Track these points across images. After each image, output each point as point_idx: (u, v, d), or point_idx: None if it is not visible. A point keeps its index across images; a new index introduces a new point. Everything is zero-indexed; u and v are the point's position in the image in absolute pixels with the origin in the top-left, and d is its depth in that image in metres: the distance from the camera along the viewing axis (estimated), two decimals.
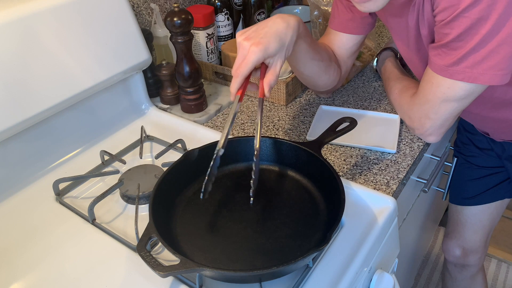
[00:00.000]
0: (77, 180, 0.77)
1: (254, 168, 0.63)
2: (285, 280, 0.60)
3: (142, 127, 0.89)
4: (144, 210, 0.69)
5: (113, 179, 0.78)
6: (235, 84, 0.66)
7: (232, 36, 1.13)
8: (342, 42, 0.89)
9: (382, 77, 1.01)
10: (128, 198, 0.73)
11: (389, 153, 0.83)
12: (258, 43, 0.65)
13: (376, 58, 1.07)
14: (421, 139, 0.87)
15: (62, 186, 0.76)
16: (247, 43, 0.65)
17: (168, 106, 0.99)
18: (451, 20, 0.64)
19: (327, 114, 0.94)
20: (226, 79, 1.05)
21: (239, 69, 0.66)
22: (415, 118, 0.77)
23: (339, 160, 0.82)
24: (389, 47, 1.04)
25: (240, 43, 0.66)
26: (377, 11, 0.71)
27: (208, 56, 1.07)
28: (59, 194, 0.75)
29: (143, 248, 0.54)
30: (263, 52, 0.65)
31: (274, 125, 0.93)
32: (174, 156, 0.79)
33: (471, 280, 1.21)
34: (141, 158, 0.83)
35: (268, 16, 1.16)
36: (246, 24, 1.16)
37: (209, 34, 1.04)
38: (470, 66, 0.65)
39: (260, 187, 0.72)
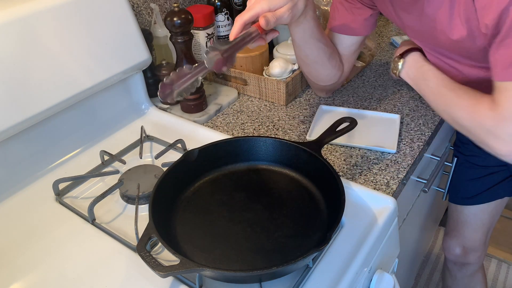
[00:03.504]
0: (77, 180, 0.77)
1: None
2: (285, 280, 0.59)
3: (142, 127, 0.89)
4: (144, 210, 0.69)
5: (113, 179, 0.78)
6: (234, 29, 0.66)
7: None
8: (343, 42, 0.89)
9: (419, 85, 0.80)
10: (128, 198, 0.73)
11: (389, 153, 0.83)
12: None
13: (401, 61, 0.83)
14: (421, 139, 0.87)
15: (62, 186, 0.76)
16: None
17: (168, 106, 0.99)
18: (498, 20, 0.59)
19: (327, 114, 0.94)
20: (226, 79, 1.05)
21: (240, 15, 0.66)
22: (504, 136, 0.65)
23: (339, 160, 0.82)
24: (415, 48, 0.84)
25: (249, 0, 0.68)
26: None
27: None
28: (59, 194, 0.75)
29: (143, 248, 0.54)
30: (268, 2, 0.66)
31: (274, 125, 0.93)
32: (174, 156, 0.79)
33: (471, 278, 1.21)
34: (141, 158, 0.83)
35: None
36: None
37: (209, 34, 1.04)
38: None
39: (260, 187, 0.72)
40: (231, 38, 0.66)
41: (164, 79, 0.60)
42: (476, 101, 0.69)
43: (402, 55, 0.85)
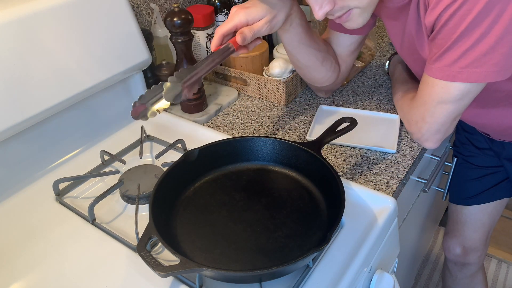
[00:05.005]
0: (77, 180, 0.77)
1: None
2: (285, 280, 0.60)
3: (142, 127, 0.89)
4: (144, 210, 0.69)
5: (113, 179, 0.78)
6: (213, 41, 0.69)
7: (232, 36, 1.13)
8: (342, 41, 0.89)
9: (391, 80, 1.01)
10: (128, 198, 0.73)
11: (389, 153, 0.83)
12: (242, 7, 0.69)
13: (388, 61, 1.06)
14: None
15: (62, 186, 0.76)
16: (235, 8, 0.70)
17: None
18: (436, 18, 0.64)
19: (327, 114, 0.94)
20: (226, 79, 1.05)
21: (220, 27, 0.69)
22: (412, 121, 0.77)
23: (339, 160, 0.82)
24: None
25: (231, 10, 0.70)
26: (359, 27, 0.72)
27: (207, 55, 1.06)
28: (59, 194, 0.75)
29: (143, 248, 0.54)
30: (246, 14, 0.68)
31: (274, 125, 0.93)
32: (174, 156, 0.79)
33: (471, 278, 1.21)
34: (141, 158, 0.83)
35: None
36: None
37: (209, 34, 1.04)
38: (448, 65, 0.65)
39: (260, 187, 0.72)
40: (212, 49, 0.69)
41: (138, 98, 0.61)
42: (409, 91, 0.84)
43: (393, 55, 1.04)
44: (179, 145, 0.83)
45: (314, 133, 0.87)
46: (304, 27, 0.78)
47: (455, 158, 1.10)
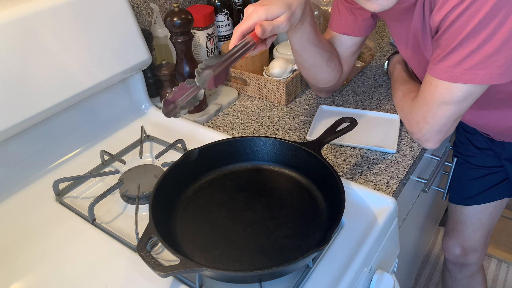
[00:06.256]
0: (77, 180, 0.77)
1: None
2: (285, 280, 0.60)
3: (142, 127, 0.89)
4: (144, 210, 0.69)
5: (113, 179, 0.78)
6: (232, 40, 0.67)
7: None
8: (343, 43, 0.89)
9: (390, 80, 1.01)
10: (128, 198, 0.73)
11: (389, 153, 0.83)
12: (261, 4, 0.67)
13: (387, 61, 1.06)
14: None
15: (62, 186, 0.76)
16: (252, 6, 0.68)
17: None
18: (442, 19, 0.64)
19: (327, 114, 0.94)
20: (226, 79, 1.05)
21: (239, 26, 0.67)
22: (413, 122, 0.77)
23: (339, 160, 0.82)
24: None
25: (246, 9, 0.69)
26: (389, 8, 0.69)
27: (208, 56, 1.07)
28: (59, 194, 0.75)
29: (143, 248, 0.54)
30: (265, 12, 0.66)
31: (274, 125, 0.93)
32: (174, 156, 0.79)
33: (471, 279, 1.21)
34: (141, 158, 0.83)
35: None
36: None
37: (209, 34, 1.04)
38: (452, 66, 0.65)
39: (260, 187, 0.72)
40: (230, 47, 0.66)
41: (167, 95, 0.60)
42: (409, 91, 0.84)
43: (392, 55, 1.04)
44: (179, 145, 0.83)
45: (314, 133, 0.87)
46: (313, 26, 0.78)
47: (455, 158, 1.10)
